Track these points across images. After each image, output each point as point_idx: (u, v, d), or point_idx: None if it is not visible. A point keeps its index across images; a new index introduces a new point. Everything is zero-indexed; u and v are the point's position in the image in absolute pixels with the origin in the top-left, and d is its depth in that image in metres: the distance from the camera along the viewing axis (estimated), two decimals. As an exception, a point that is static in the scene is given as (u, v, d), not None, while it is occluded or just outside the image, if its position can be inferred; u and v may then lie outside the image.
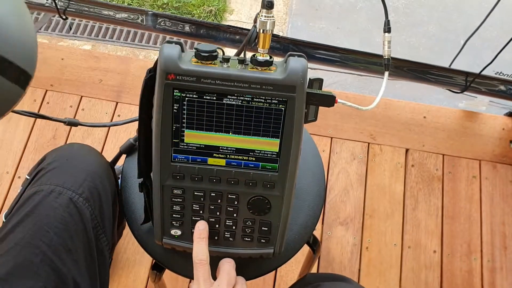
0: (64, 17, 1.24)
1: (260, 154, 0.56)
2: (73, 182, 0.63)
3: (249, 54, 0.63)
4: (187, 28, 1.21)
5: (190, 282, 0.60)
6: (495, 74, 1.25)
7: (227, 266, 0.57)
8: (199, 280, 0.54)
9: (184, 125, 0.54)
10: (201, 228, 0.58)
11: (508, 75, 1.24)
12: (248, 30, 1.19)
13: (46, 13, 1.84)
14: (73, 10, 1.24)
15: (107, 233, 0.66)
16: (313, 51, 1.22)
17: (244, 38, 1.18)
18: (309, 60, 1.22)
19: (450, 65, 1.24)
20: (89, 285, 0.61)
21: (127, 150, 0.77)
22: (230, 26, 1.20)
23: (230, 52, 2.18)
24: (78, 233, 0.61)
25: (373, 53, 1.22)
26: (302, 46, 1.21)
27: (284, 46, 1.20)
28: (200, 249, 0.57)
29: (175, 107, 0.52)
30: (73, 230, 0.60)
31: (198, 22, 1.21)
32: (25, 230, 0.58)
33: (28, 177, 0.67)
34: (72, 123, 0.81)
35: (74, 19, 2.27)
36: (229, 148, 0.55)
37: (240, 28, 1.20)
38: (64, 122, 0.81)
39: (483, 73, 1.21)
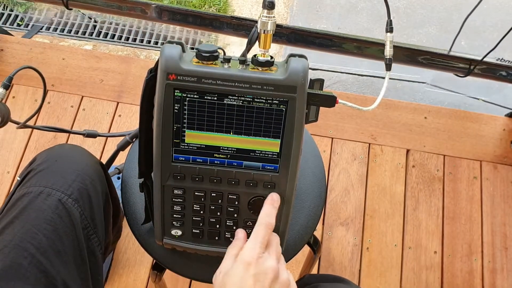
0: (69, 8, 1.24)
1: (261, 155, 0.56)
2: (62, 183, 0.62)
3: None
4: (190, 19, 1.21)
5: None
6: (496, 60, 1.25)
7: (276, 239, 0.56)
8: (257, 240, 0.52)
9: (185, 125, 0.54)
10: (275, 198, 0.56)
11: (509, 61, 1.25)
12: (251, 20, 1.19)
13: (49, 9, 1.84)
14: (78, 0, 1.24)
15: (99, 233, 0.66)
16: (315, 39, 1.21)
17: (247, 29, 1.19)
18: (310, 47, 1.22)
19: (450, 48, 1.24)
20: (80, 286, 0.61)
21: (124, 147, 0.78)
22: (233, 16, 1.20)
23: (235, 44, 2.18)
24: (67, 235, 0.60)
25: (374, 41, 1.21)
26: (303, 35, 1.21)
27: (286, 35, 1.20)
28: (272, 213, 0.55)
29: (176, 107, 0.52)
30: (62, 232, 0.60)
31: (202, 13, 1.21)
32: (14, 233, 0.58)
33: (19, 178, 0.67)
34: (91, 135, 0.81)
35: (76, 19, 2.27)
36: (230, 148, 0.55)
37: (243, 18, 1.19)
38: (84, 134, 0.81)
39: (485, 59, 1.21)
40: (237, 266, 0.50)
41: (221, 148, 0.55)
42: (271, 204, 0.56)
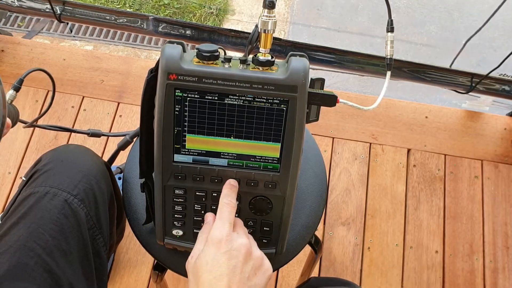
0: (63, 22, 1.24)
1: (262, 160, 0.56)
2: (68, 184, 0.62)
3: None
4: (188, 32, 1.21)
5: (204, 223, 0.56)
6: (499, 75, 1.25)
7: (240, 221, 0.55)
8: (224, 219, 0.51)
9: (186, 128, 0.54)
10: (232, 183, 0.56)
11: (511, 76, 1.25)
12: (249, 33, 1.19)
13: (45, 18, 1.84)
14: (72, 15, 1.24)
15: (104, 233, 0.66)
16: (314, 53, 1.22)
17: (245, 42, 1.19)
18: (311, 62, 1.21)
19: (451, 65, 1.24)
20: (85, 287, 0.61)
21: (124, 146, 0.78)
22: (232, 29, 1.20)
23: (232, 54, 2.18)
24: (73, 235, 0.61)
25: (374, 55, 1.22)
26: (303, 48, 1.21)
27: (285, 48, 1.20)
28: (231, 195, 0.54)
29: (176, 109, 0.52)
30: (68, 232, 0.60)
31: (199, 26, 1.21)
32: (20, 233, 0.58)
33: (24, 179, 0.67)
34: (95, 134, 0.81)
35: (76, 20, 2.27)
36: (231, 154, 0.55)
37: (241, 32, 1.20)
38: (88, 134, 0.81)
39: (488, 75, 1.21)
40: (208, 247, 0.49)
41: (222, 154, 0.55)
42: (229, 188, 0.55)
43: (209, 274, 0.47)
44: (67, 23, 1.25)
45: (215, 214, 0.53)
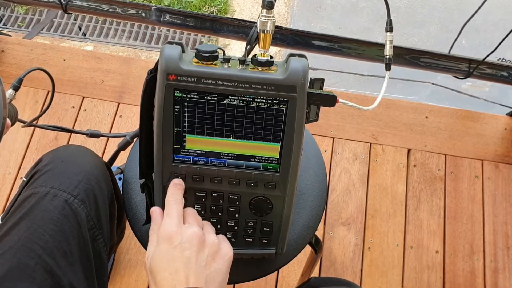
0: (67, 11, 1.23)
1: (261, 160, 0.56)
2: (68, 184, 0.63)
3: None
4: (191, 22, 1.21)
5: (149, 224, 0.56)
6: (498, 60, 1.24)
7: (192, 210, 0.55)
8: (171, 215, 0.51)
9: (185, 129, 0.54)
10: (176, 182, 0.56)
11: (510, 61, 1.24)
12: (251, 22, 1.19)
13: (50, 9, 1.83)
14: (78, 5, 1.24)
15: (105, 234, 0.66)
16: (315, 41, 1.21)
17: (247, 31, 1.18)
18: (312, 50, 1.21)
19: (449, 50, 1.23)
20: (85, 287, 0.61)
21: (125, 147, 0.78)
22: (233, 18, 1.20)
23: (235, 44, 2.18)
24: (73, 235, 0.61)
25: (374, 41, 1.21)
26: (304, 36, 1.20)
27: (286, 37, 1.20)
28: (176, 193, 0.54)
29: (176, 109, 0.52)
30: (68, 232, 0.60)
31: (202, 15, 1.21)
32: (20, 233, 0.58)
33: (25, 179, 0.67)
34: (94, 135, 0.81)
35: (76, 19, 2.28)
36: (230, 154, 0.55)
37: (243, 20, 1.19)
38: (87, 134, 0.81)
39: (486, 60, 1.20)
40: (159, 245, 0.49)
41: (221, 154, 0.55)
42: (173, 187, 0.55)
43: (165, 271, 0.47)
44: (70, 13, 1.24)
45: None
